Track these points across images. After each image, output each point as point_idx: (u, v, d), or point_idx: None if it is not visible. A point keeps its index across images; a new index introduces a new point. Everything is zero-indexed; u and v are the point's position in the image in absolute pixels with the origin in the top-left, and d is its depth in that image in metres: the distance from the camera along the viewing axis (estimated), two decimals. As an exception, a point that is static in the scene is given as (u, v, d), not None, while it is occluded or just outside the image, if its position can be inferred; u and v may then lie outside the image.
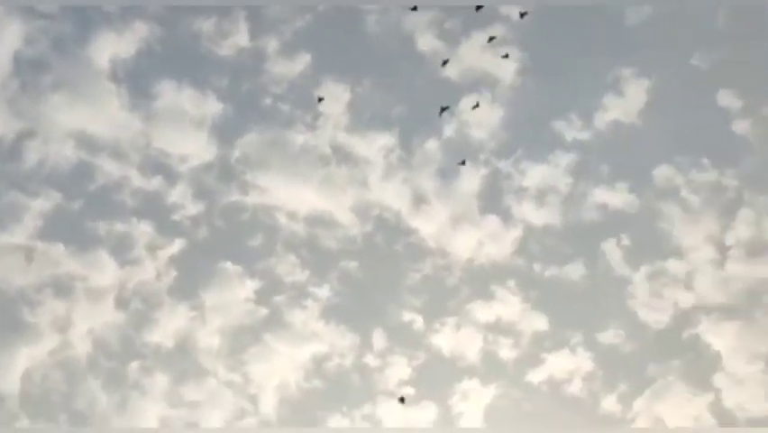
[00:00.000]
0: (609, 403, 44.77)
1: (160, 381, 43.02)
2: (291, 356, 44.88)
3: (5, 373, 40.73)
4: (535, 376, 45.49)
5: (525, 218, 47.73)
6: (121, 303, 43.90)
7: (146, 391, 42.66)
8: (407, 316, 46.40)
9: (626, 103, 48.39)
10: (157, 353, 43.57)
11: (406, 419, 44.45)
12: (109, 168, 45.78)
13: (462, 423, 44.68)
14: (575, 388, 45.27)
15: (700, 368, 44.66)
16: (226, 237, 46.56)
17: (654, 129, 48.59)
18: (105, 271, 44.03)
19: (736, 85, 47.37)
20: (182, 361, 43.75)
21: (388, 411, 44.53)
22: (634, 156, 48.81)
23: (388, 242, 47.81)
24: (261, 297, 45.63)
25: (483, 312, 46.81)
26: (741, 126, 47.29)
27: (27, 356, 41.52)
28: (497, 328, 46.55)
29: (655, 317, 45.91)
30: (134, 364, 43.20)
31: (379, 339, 45.85)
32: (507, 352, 46.08)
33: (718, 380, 43.93)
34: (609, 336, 46.02)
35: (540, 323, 46.41)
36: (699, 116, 48.74)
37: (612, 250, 47.12)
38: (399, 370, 45.33)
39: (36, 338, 41.93)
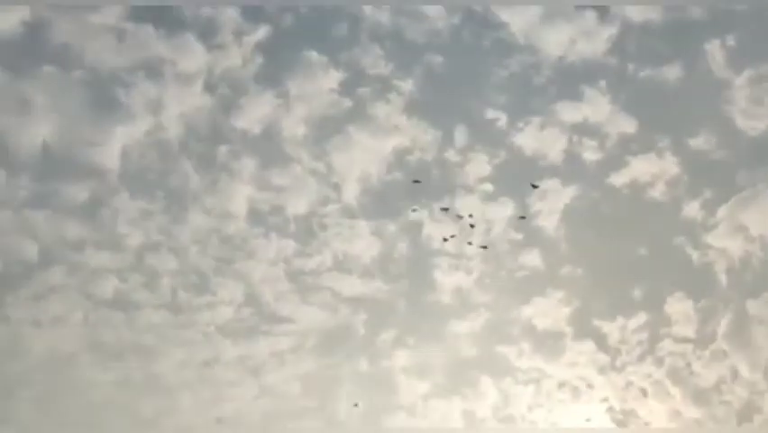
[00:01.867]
0: (692, 209, 44.41)
1: (248, 165, 44.68)
2: (373, 148, 45.51)
3: (105, 150, 42.91)
4: (618, 179, 45.17)
5: (624, 14, 45.09)
6: (209, 88, 44.71)
7: (234, 174, 44.52)
8: (491, 113, 45.86)
9: None
10: (244, 138, 44.89)
11: (483, 213, 45.39)
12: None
13: (540, 222, 45.45)
14: (657, 192, 44.89)
15: (792, 177, 43.40)
16: (312, 26, 45.84)
17: None
18: (193, 56, 44.44)
19: None
20: (268, 147, 45.03)
21: (466, 205, 45.45)
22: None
23: (475, 36, 46.25)
24: (345, 88, 45.62)
25: (569, 112, 45.81)
26: None
27: (123, 135, 43.41)
28: (582, 129, 45.70)
29: (752, 124, 44.08)
30: (223, 148, 44.76)
31: (460, 135, 45.83)
32: (590, 153, 45.51)
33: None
34: (700, 142, 44.73)
35: (628, 125, 45.28)
36: None
37: (715, 51, 44.52)
38: (479, 166, 45.64)
39: (131, 119, 43.59)
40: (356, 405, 42.03)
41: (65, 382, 41.17)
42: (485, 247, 43.54)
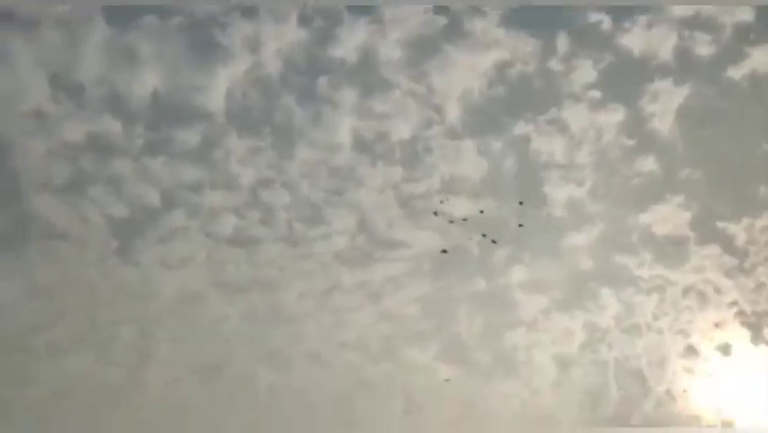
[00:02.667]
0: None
1: (349, 94, 44.66)
2: (473, 65, 44.55)
3: (210, 92, 43.83)
4: (736, 72, 42.59)
5: None
6: (303, 21, 44.67)
7: (337, 105, 44.66)
8: (593, 17, 43.87)
9: None
10: (342, 67, 44.80)
11: (592, 121, 43.90)
12: None
13: (653, 124, 43.58)
14: (782, 80, 42.11)
15: None
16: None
17: None
18: (284, -10, 44.38)
19: None
20: (367, 74, 44.82)
21: (574, 115, 44.06)
22: None
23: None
24: (439, 6, 44.52)
25: (679, 7, 43.22)
26: None
27: (226, 77, 44.14)
28: (694, 24, 43.13)
29: None
30: (323, 80, 44.86)
31: (562, 43, 44.16)
32: (704, 48, 43.02)
33: None
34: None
35: (745, 15, 42.37)
36: None
37: None
38: (585, 73, 43.98)
39: (231, 59, 44.22)
40: (447, 380, 42.22)
41: (195, 319, 43.06)
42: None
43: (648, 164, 43.50)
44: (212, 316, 43.07)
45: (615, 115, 43.54)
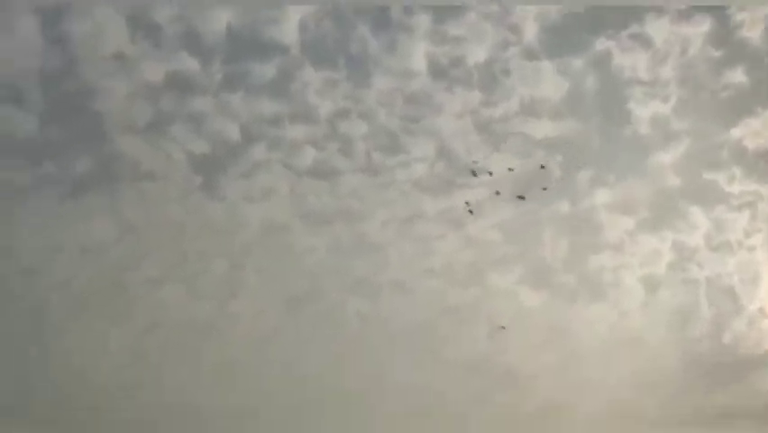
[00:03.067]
0: None
1: (422, 20, 43.88)
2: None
3: (284, 25, 43.60)
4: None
5: None
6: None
7: (411, 31, 43.96)
8: None
9: None
10: (416, -8, 43.88)
11: (676, 34, 42.25)
12: None
13: (743, 33, 41.73)
14: None
15: None
16: None
17: None
18: None
19: None
20: (440, -2, 43.84)
21: (657, 28, 42.40)
22: None
23: None
24: None
25: None
26: None
27: (298, 9, 43.67)
28: None
29: None
30: (396, 7, 44.01)
31: (644, -47, 42.34)
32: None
33: None
34: None
35: None
36: None
37: None
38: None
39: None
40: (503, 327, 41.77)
41: (281, 251, 43.67)
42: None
43: (737, 76, 41.90)
44: (297, 247, 43.66)
45: (700, 27, 41.87)
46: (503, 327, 41.14)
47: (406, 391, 41.19)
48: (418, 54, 43.81)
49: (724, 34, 41.56)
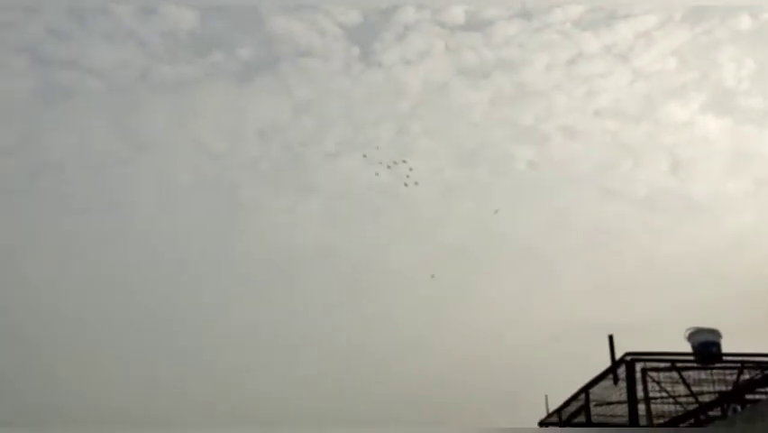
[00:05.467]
0: None
1: None
2: None
3: None
4: None
5: None
6: None
7: None
8: None
9: None
10: None
11: None
12: None
13: None
14: None
15: None
16: None
17: None
18: None
19: None
20: None
21: None
22: None
23: None
24: None
25: None
26: None
27: None
28: None
29: None
30: None
31: None
32: None
33: None
34: None
35: None
36: None
37: None
38: None
39: None
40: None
41: (445, 109, 43.90)
42: None
43: None
44: (460, 104, 43.66)
45: None
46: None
47: (588, 229, 41.55)
48: None
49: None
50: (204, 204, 42.50)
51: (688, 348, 15.86)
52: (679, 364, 16.07)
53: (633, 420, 15.65)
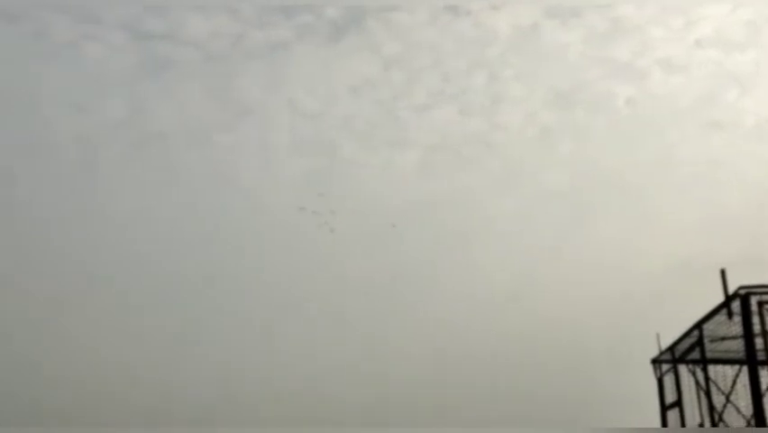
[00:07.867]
0: None
1: None
2: None
3: None
4: None
5: None
6: None
7: None
8: None
9: None
10: None
11: None
12: None
13: None
14: None
15: None
16: None
17: None
18: None
19: None
20: None
21: None
22: None
23: None
24: None
25: None
26: None
27: None
28: None
29: None
30: None
31: None
32: None
33: None
34: None
35: None
36: None
37: None
38: None
39: None
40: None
41: (536, 52, 43.11)
42: None
43: None
44: (551, 46, 42.70)
45: None
46: None
47: (694, 163, 40.21)
48: None
49: None
50: (303, 164, 43.69)
51: (806, 278, 15.44)
52: (797, 295, 15.68)
53: (750, 355, 15.50)
